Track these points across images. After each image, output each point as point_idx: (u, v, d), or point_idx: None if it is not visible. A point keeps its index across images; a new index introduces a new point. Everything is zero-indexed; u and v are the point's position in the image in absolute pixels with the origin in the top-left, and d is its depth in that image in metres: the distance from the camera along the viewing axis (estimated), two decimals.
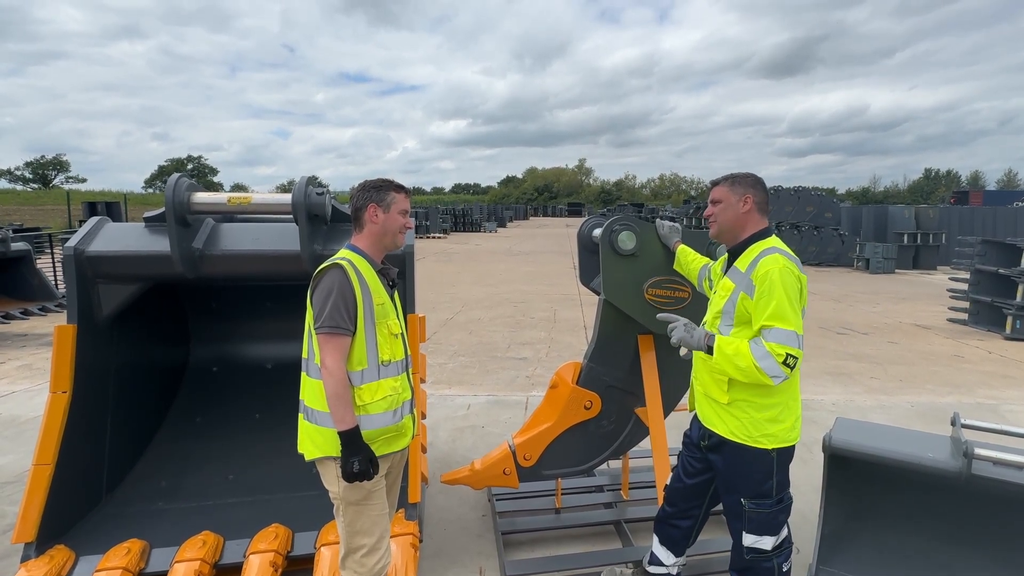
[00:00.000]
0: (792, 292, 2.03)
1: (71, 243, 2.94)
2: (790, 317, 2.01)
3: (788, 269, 2.05)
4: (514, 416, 5.21)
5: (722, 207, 2.26)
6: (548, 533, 3.29)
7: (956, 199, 42.45)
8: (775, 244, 2.17)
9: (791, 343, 2.00)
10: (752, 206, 2.21)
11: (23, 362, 6.99)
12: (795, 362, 2.01)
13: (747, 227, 2.23)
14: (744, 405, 2.16)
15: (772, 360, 2.00)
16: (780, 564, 2.26)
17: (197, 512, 3.06)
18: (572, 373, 3.10)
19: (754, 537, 2.23)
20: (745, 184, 2.23)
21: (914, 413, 5.43)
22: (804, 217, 19.88)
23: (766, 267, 2.06)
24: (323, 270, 2.05)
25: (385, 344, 2.13)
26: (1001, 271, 9.10)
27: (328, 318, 1.99)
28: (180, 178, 2.95)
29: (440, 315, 9.93)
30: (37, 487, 2.69)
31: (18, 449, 4.46)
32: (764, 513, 2.20)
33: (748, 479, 2.20)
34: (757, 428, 2.14)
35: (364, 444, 2.04)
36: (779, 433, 2.15)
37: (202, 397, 3.79)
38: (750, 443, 2.15)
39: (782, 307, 2.01)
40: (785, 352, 1.99)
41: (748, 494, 2.20)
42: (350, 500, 2.10)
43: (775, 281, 2.02)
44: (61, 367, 2.83)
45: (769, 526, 2.22)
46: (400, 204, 2.20)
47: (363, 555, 2.14)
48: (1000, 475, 2.37)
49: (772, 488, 2.18)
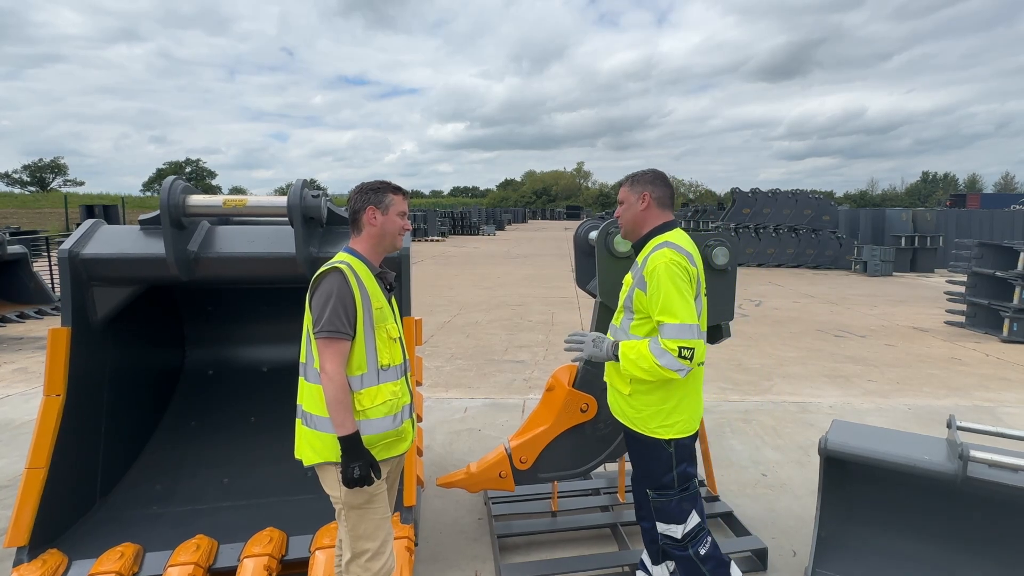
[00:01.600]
0: (681, 284, 2.08)
1: (66, 246, 2.94)
2: (678, 310, 2.05)
3: (673, 262, 2.09)
4: (511, 419, 5.20)
5: (625, 207, 2.34)
6: (544, 536, 3.28)
7: (953, 202, 42.60)
8: (669, 238, 2.20)
9: (683, 335, 2.05)
10: (650, 202, 2.28)
11: (18, 365, 6.97)
12: (691, 353, 2.05)
13: (647, 223, 2.29)
14: (642, 396, 2.22)
15: (670, 356, 2.05)
16: (698, 552, 2.28)
17: (191, 516, 3.05)
18: (568, 376, 3.10)
19: (663, 525, 2.31)
20: (643, 182, 2.30)
21: (911, 416, 5.43)
22: (802, 220, 19.91)
23: (654, 263, 2.12)
24: (322, 274, 2.04)
25: (384, 348, 2.11)
26: (998, 274, 9.12)
27: (328, 322, 1.98)
28: (175, 180, 2.95)
29: (438, 318, 9.92)
30: (30, 491, 2.67)
31: (11, 453, 4.43)
32: (668, 502, 2.26)
33: (650, 471, 2.28)
34: (654, 419, 2.20)
35: (364, 450, 2.02)
36: (676, 424, 2.20)
37: (197, 400, 3.78)
38: (648, 433, 2.21)
39: (670, 301, 2.06)
40: (678, 346, 2.04)
41: (651, 485, 2.29)
42: (352, 504, 2.08)
43: (661, 276, 2.08)
44: (55, 370, 2.81)
45: (675, 515, 2.27)
46: (398, 206, 2.18)
47: (367, 559, 2.11)
48: (996, 477, 2.37)
49: (674, 479, 2.25)
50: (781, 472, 4.20)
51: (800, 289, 14.29)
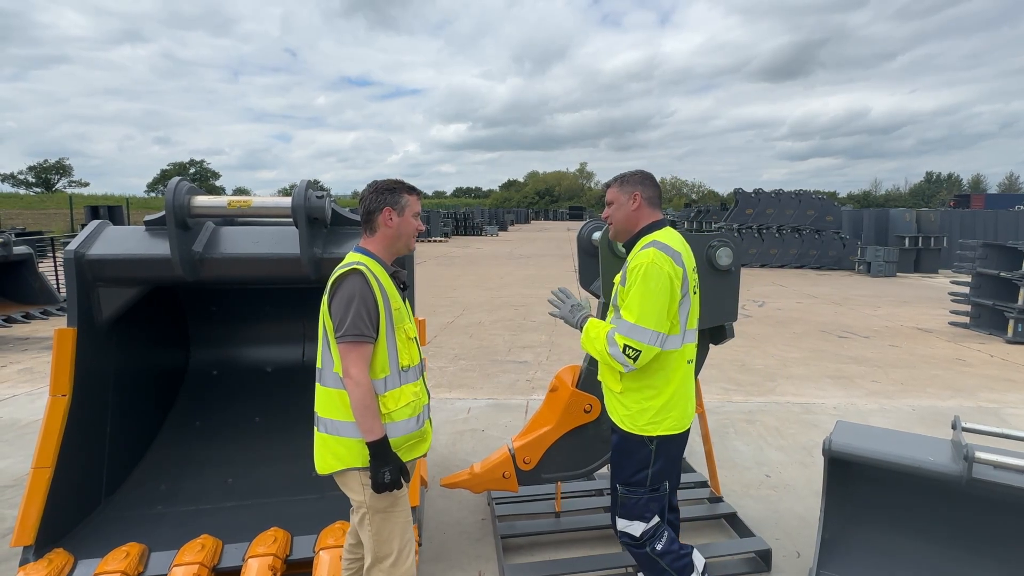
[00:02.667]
0: (655, 286, 2.09)
1: (71, 246, 2.95)
2: (636, 310, 2.09)
3: (656, 264, 2.11)
4: (514, 420, 5.21)
5: (615, 207, 2.35)
6: (548, 537, 3.28)
7: (957, 202, 42.45)
8: (658, 238, 2.22)
9: (633, 335, 2.09)
10: (641, 202, 2.30)
11: (24, 366, 7.00)
12: (636, 354, 2.09)
13: (639, 222, 2.32)
14: (633, 395, 2.25)
15: (616, 349, 2.11)
16: (654, 546, 2.30)
17: (196, 516, 3.06)
18: (572, 376, 3.10)
19: (625, 522, 2.32)
20: (633, 182, 2.32)
21: (915, 417, 5.42)
22: (805, 221, 19.87)
23: (638, 260, 2.15)
24: (342, 276, 1.98)
25: (404, 349, 2.09)
26: (1003, 274, 9.08)
27: (352, 326, 1.93)
28: (180, 181, 2.96)
29: (441, 319, 9.93)
30: (36, 490, 2.68)
31: (17, 453, 4.46)
32: (636, 499, 2.28)
33: (626, 467, 2.30)
34: (643, 416, 2.23)
35: (393, 453, 1.99)
36: (664, 421, 2.23)
37: (201, 401, 3.79)
38: (635, 431, 2.24)
39: (634, 300, 2.11)
40: (624, 343, 2.09)
41: (623, 480, 2.31)
42: (377, 508, 2.04)
43: (639, 274, 2.12)
44: (61, 370, 2.83)
45: (636, 512, 2.29)
46: (413, 207, 2.14)
47: (391, 564, 2.08)
48: (1001, 479, 2.36)
49: (647, 478, 2.27)
50: (785, 473, 4.19)
51: (803, 290, 14.26)
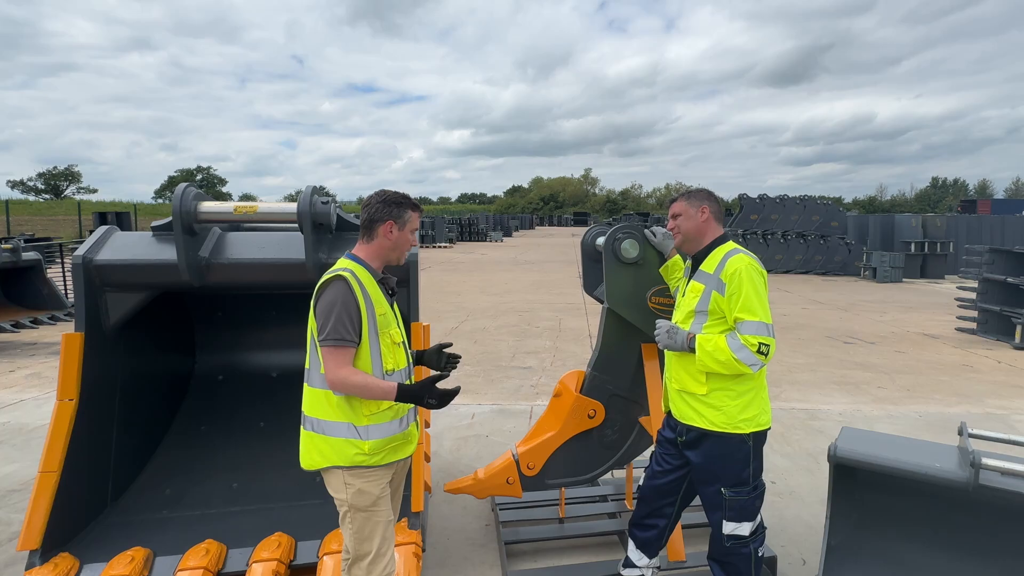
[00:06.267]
0: (759, 286, 2.25)
1: (79, 252, 2.98)
2: (757, 309, 2.21)
3: (753, 267, 2.27)
4: (518, 425, 5.20)
5: (683, 219, 2.48)
6: (552, 543, 3.27)
7: (963, 208, 42.25)
8: (736, 247, 2.37)
9: (762, 332, 2.20)
10: (709, 215, 2.44)
11: (32, 371, 7.05)
12: (768, 349, 2.21)
13: (707, 234, 2.44)
14: (720, 395, 2.31)
15: (747, 351, 2.19)
16: (756, 549, 2.41)
17: (201, 521, 3.07)
18: (576, 382, 3.10)
19: (734, 524, 2.38)
20: (700, 197, 2.47)
21: (922, 423, 5.38)
22: (810, 226, 19.81)
23: (734, 266, 2.26)
24: (326, 282, 2.06)
25: (388, 354, 2.15)
26: (1010, 280, 9.03)
27: (333, 330, 2.01)
28: (187, 187, 2.99)
29: (446, 324, 9.94)
30: (43, 494, 2.70)
31: (25, 457, 4.48)
32: (743, 500, 2.35)
33: (728, 468, 2.34)
34: (736, 414, 2.30)
35: (418, 386, 2.08)
36: (755, 417, 2.32)
37: (207, 406, 3.80)
38: (731, 430, 2.30)
39: (750, 301, 2.21)
40: (758, 342, 2.19)
41: (728, 483, 2.35)
42: (358, 506, 2.10)
43: (743, 278, 2.23)
44: (68, 375, 2.85)
45: (747, 512, 2.38)
46: (413, 223, 2.25)
47: (369, 562, 2.14)
48: (1008, 485, 2.34)
49: (750, 475, 2.35)
50: (790, 479, 4.17)
51: (809, 295, 14.21)
